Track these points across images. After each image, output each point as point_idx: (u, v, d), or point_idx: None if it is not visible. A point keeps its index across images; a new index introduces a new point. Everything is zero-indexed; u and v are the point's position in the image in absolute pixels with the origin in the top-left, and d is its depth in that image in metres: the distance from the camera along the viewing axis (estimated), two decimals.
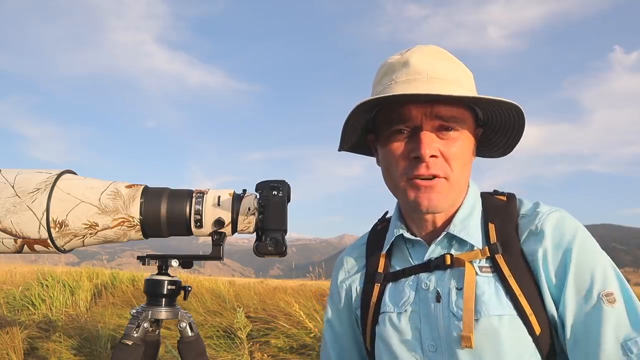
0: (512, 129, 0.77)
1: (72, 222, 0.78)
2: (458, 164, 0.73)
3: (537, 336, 0.68)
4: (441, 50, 0.76)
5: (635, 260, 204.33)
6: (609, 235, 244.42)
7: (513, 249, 0.72)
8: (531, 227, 0.73)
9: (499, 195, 0.81)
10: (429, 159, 0.70)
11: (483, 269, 0.72)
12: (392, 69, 0.75)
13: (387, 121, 0.75)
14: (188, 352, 0.88)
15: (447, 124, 0.72)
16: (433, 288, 0.75)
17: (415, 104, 0.71)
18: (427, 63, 0.72)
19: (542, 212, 0.74)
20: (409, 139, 0.73)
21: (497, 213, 0.77)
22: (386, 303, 0.80)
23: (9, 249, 0.78)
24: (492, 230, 0.75)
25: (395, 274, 0.81)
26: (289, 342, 3.37)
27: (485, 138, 0.82)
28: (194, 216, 0.82)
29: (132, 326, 0.84)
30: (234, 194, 0.84)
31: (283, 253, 0.81)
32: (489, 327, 0.68)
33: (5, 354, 3.42)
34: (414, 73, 0.72)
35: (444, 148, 0.71)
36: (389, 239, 0.84)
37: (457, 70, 0.75)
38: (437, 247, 0.78)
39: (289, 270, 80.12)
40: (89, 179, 0.84)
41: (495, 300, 0.69)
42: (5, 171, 0.80)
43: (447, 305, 0.72)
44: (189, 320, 0.89)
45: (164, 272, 0.88)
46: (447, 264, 0.74)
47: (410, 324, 0.76)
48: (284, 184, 0.83)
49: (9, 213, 0.76)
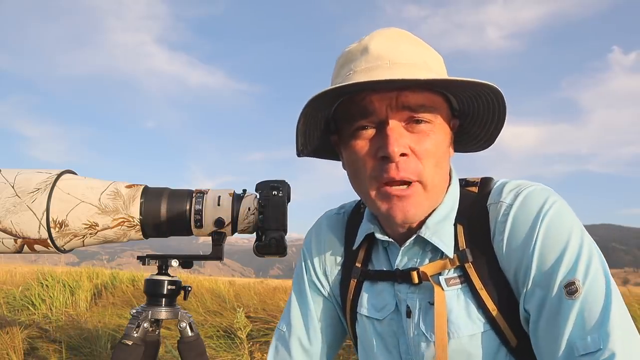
0: (492, 117, 0.67)
1: (72, 222, 0.78)
2: (431, 162, 0.63)
3: (513, 348, 0.63)
4: (404, 32, 0.67)
5: (635, 260, 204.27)
6: (608, 235, 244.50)
7: (484, 254, 0.64)
8: (498, 219, 0.64)
9: (471, 187, 0.70)
10: (399, 158, 0.61)
11: (450, 282, 0.65)
12: (351, 58, 0.66)
13: (348, 117, 0.66)
14: (188, 352, 0.88)
15: (417, 115, 0.62)
16: (403, 300, 0.69)
17: (378, 94, 0.62)
18: (389, 47, 0.63)
19: (507, 204, 0.64)
20: (374, 136, 0.64)
21: (466, 211, 0.68)
22: (363, 304, 0.74)
23: (9, 249, 0.78)
24: (460, 233, 0.66)
25: (372, 275, 0.74)
26: None
27: (464, 130, 0.73)
28: (194, 216, 0.82)
29: (132, 326, 0.84)
30: (234, 194, 0.84)
31: (283, 253, 0.81)
32: (459, 348, 0.63)
33: (5, 354, 3.42)
34: (374, 59, 0.63)
35: (415, 144, 0.62)
36: (359, 237, 0.76)
37: (424, 52, 0.65)
38: (405, 255, 0.70)
39: (289, 270, 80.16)
40: (89, 179, 0.84)
41: (465, 317, 0.63)
42: (5, 171, 0.80)
43: (418, 322, 0.67)
44: (189, 320, 0.89)
45: (164, 272, 0.89)
46: (414, 282, 0.67)
47: (390, 332, 0.71)
48: (284, 184, 0.83)
49: (9, 213, 0.76)
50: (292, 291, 0.85)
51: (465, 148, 0.77)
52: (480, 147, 0.74)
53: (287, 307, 0.84)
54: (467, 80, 0.59)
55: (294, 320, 0.81)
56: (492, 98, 0.63)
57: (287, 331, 0.81)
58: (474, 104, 0.66)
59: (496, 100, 0.63)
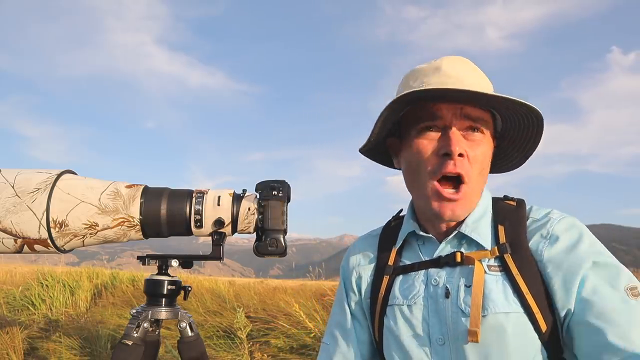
0: (528, 140, 0.80)
1: (72, 222, 0.78)
2: (478, 168, 0.76)
3: (543, 333, 0.70)
4: (469, 61, 0.81)
5: (635, 260, 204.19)
6: (608, 235, 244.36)
7: (521, 250, 0.74)
8: (542, 231, 0.75)
9: (509, 200, 0.84)
10: (457, 157, 0.73)
11: (491, 268, 0.75)
12: (423, 74, 0.78)
13: (416, 119, 0.77)
14: (188, 352, 0.88)
15: (475, 125, 0.75)
16: (442, 284, 0.77)
17: (446, 103, 0.75)
18: (458, 70, 0.77)
19: (554, 218, 0.76)
20: (438, 138, 0.76)
21: (507, 216, 0.79)
22: (395, 295, 0.81)
23: (9, 249, 0.78)
24: (501, 231, 0.77)
25: (405, 268, 0.83)
26: (289, 342, 3.37)
27: (500, 152, 0.85)
28: (194, 216, 0.82)
29: (132, 326, 0.84)
30: (234, 194, 0.84)
31: (283, 253, 0.82)
32: (495, 324, 0.70)
33: (5, 354, 3.42)
34: (446, 77, 0.75)
35: (469, 150, 0.74)
36: (402, 234, 0.86)
37: (483, 80, 0.79)
38: (447, 245, 0.80)
39: (289, 270, 79.95)
40: (89, 179, 0.84)
41: (502, 298, 0.72)
42: (5, 171, 0.80)
43: (456, 302, 0.74)
44: (189, 320, 0.89)
45: (164, 272, 0.88)
46: (457, 261, 0.77)
47: (419, 317, 0.78)
48: (284, 184, 0.83)
49: (9, 213, 0.76)
50: (334, 304, 0.96)
51: (499, 169, 0.90)
52: (512, 167, 0.88)
53: (330, 321, 0.95)
54: (521, 101, 0.70)
55: (336, 334, 0.91)
56: (533, 122, 0.75)
57: (331, 344, 0.91)
58: (515, 124, 0.79)
59: (537, 124, 0.76)
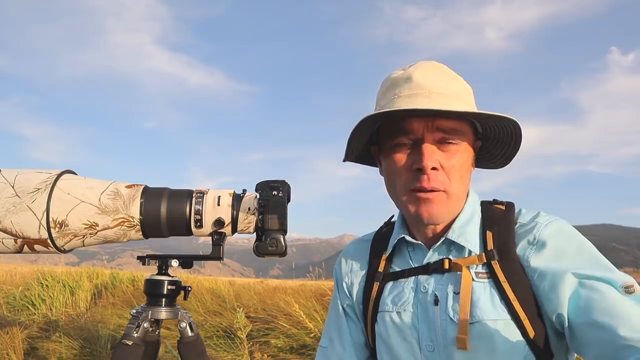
0: (510, 141, 0.80)
1: (72, 222, 0.78)
2: (456, 176, 0.76)
3: (531, 339, 0.70)
4: (442, 66, 0.81)
5: (635, 260, 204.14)
6: (608, 235, 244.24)
7: (509, 256, 0.74)
8: (529, 237, 0.75)
9: (498, 204, 0.83)
10: (430, 171, 0.73)
11: (479, 275, 0.75)
12: (395, 84, 0.79)
13: (390, 134, 0.78)
14: (188, 352, 0.88)
15: (448, 137, 0.75)
16: (432, 291, 0.78)
17: (417, 117, 0.75)
18: (429, 78, 0.76)
19: (540, 223, 0.76)
20: (411, 151, 0.76)
21: (495, 221, 0.79)
22: (385, 302, 0.82)
23: (9, 249, 0.78)
24: (489, 237, 0.77)
25: (395, 274, 0.84)
26: (289, 342, 3.37)
27: (485, 150, 0.86)
28: (194, 216, 0.82)
29: (132, 326, 0.84)
30: (234, 194, 0.84)
31: (283, 253, 0.81)
32: (483, 331, 0.71)
33: (5, 354, 3.43)
34: (416, 88, 0.75)
35: (444, 161, 0.75)
36: (392, 241, 0.87)
37: (458, 85, 0.79)
38: (435, 252, 0.81)
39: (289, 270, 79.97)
40: (89, 179, 0.84)
41: (489, 305, 0.72)
42: (5, 171, 0.80)
43: (445, 309, 0.75)
44: (189, 320, 0.89)
45: (164, 272, 0.88)
46: (445, 268, 0.77)
47: (409, 324, 0.79)
48: (284, 184, 0.83)
49: (9, 213, 0.76)
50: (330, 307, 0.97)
51: (486, 166, 0.90)
52: (498, 165, 0.88)
53: (327, 324, 0.97)
54: (491, 114, 0.72)
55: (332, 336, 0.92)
56: (511, 127, 0.76)
57: (328, 347, 0.92)
58: (495, 129, 0.79)
59: (514, 128, 0.76)
